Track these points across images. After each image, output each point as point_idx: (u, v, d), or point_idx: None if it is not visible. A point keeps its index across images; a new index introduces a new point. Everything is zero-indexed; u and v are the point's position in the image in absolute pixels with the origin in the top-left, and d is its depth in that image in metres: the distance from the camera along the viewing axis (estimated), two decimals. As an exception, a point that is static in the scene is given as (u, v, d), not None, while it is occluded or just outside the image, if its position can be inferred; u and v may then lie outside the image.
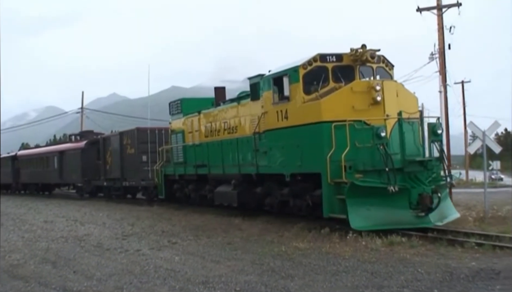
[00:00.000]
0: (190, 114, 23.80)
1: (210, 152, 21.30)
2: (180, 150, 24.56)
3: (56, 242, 14.75)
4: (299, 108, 15.30)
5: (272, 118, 16.56)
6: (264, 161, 17.29)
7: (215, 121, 21.58)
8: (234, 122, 20.05)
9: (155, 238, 14.87)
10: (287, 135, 15.86)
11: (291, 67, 15.62)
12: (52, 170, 40.59)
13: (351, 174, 13.66)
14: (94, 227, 18.16)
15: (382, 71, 16.11)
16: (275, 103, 16.38)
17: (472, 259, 10.05)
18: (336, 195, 14.13)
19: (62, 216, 22.64)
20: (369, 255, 10.89)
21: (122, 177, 31.56)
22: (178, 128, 24.83)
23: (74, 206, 28.39)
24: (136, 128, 30.44)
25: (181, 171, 23.91)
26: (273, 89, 16.47)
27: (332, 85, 15.30)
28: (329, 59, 15.39)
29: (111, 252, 12.79)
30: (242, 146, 19.03)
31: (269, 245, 12.74)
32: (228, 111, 20.65)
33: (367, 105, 14.59)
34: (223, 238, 14.25)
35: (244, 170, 18.74)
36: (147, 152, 29.67)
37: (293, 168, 15.71)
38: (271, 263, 10.59)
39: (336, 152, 14.06)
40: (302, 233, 14.26)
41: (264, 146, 17.29)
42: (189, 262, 11.06)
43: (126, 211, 23.95)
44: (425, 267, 9.52)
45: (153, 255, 12.13)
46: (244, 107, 19.45)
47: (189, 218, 19.58)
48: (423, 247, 11.39)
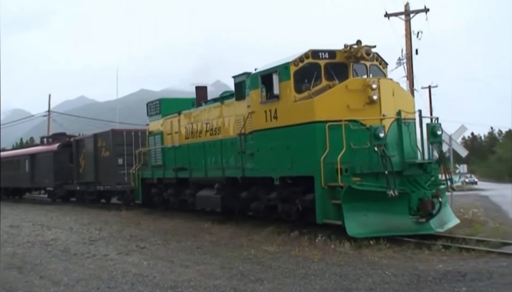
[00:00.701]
0: (170, 115, 22.74)
1: (191, 155, 20.27)
2: (158, 152, 23.47)
3: (22, 247, 14.50)
4: (290, 108, 14.40)
5: (259, 118, 15.63)
6: (251, 164, 16.35)
7: (196, 122, 20.56)
8: (217, 123, 19.07)
9: (123, 242, 14.64)
10: (276, 137, 14.95)
11: (281, 64, 14.72)
12: (23, 174, 39.03)
13: (348, 177, 12.79)
14: (61, 231, 17.87)
15: (376, 69, 15.34)
16: (263, 102, 15.46)
17: (439, 261, 10.07)
18: (330, 199, 13.26)
19: (29, 221, 22.23)
20: (338, 258, 10.89)
21: (96, 181, 30.27)
22: (157, 130, 23.74)
23: (41, 211, 27.96)
24: (111, 130, 29.23)
25: (159, 174, 22.82)
26: (261, 88, 15.55)
27: (325, 84, 14.45)
28: (322, 56, 14.55)
29: (78, 257, 12.63)
30: (226, 147, 18.06)
31: (238, 248, 12.66)
32: (210, 112, 19.66)
33: (363, 105, 13.77)
34: (193, 242, 14.04)
35: (228, 173, 17.76)
36: (123, 155, 28.45)
37: (283, 171, 14.80)
38: (241, 266, 10.53)
39: (331, 153, 13.20)
40: (271, 237, 14.19)
41: (251, 147, 16.36)
42: (158, 267, 10.92)
43: (93, 216, 23.59)
44: (393, 269, 9.57)
45: (121, 259, 11.94)
46: (228, 107, 18.49)
47: (158, 223, 19.32)
48: (391, 250, 11.40)
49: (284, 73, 14.53)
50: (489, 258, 10.27)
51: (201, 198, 19.51)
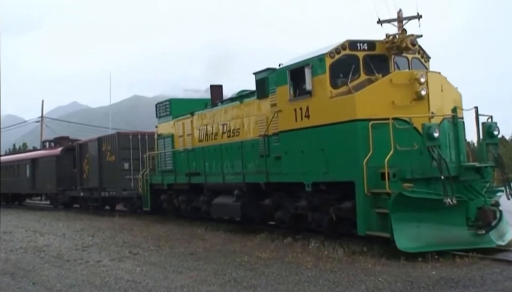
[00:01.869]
0: (181, 117, 21.16)
1: (207, 158, 18.68)
2: (168, 156, 21.85)
3: (15, 253, 14.46)
4: (325, 105, 12.80)
5: (288, 117, 14.04)
6: (277, 168, 14.74)
7: (211, 123, 18.97)
8: (236, 124, 17.49)
9: (116, 249, 14.53)
10: (308, 137, 13.34)
11: (314, 56, 13.14)
12: (24, 179, 37.39)
13: (396, 182, 11.18)
14: (54, 237, 17.76)
15: (418, 63, 13.77)
16: (292, 99, 13.88)
17: (433, 268, 9.96)
18: (373, 208, 11.67)
19: (22, 227, 22.03)
20: (331, 264, 10.74)
21: (101, 187, 28.63)
22: (167, 132, 22.13)
23: (34, 217, 27.71)
24: (117, 133, 27.63)
25: (170, 179, 21.19)
26: (289, 84, 13.97)
27: (363, 78, 12.87)
28: (360, 47, 12.98)
29: (71, 263, 12.55)
30: (247, 150, 16.46)
31: (232, 255, 12.57)
32: (227, 112, 18.08)
33: (409, 101, 12.20)
34: (186, 248, 13.92)
35: (250, 179, 16.14)
36: (129, 159, 26.85)
37: (316, 176, 13.18)
38: (234, 273, 10.45)
39: (374, 156, 11.61)
40: (265, 243, 14.07)
41: (276, 150, 14.76)
42: (151, 273, 10.86)
43: (86, 222, 23.18)
44: (386, 276, 9.48)
45: (114, 266, 11.87)
46: (248, 106, 16.91)
47: (151, 228, 19.03)
48: (384, 257, 11.14)
49: (318, 66, 12.95)
50: (482, 265, 10.05)
51: (217, 205, 17.87)
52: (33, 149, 45.27)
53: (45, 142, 38.16)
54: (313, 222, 14.09)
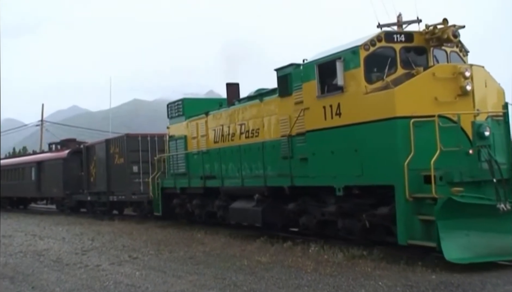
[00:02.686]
0: (195, 117, 20.14)
1: (223, 161, 17.63)
2: (181, 158, 20.83)
3: (14, 257, 14.41)
4: (359, 101, 11.73)
5: (316, 115, 12.99)
6: (302, 170, 13.70)
7: (228, 123, 17.93)
8: (255, 124, 16.46)
9: (115, 253, 14.46)
10: (339, 137, 12.28)
11: (347, 49, 12.09)
12: (29, 182, 36.41)
13: (444, 186, 10.10)
14: (53, 241, 17.73)
15: (456, 57, 12.70)
16: (321, 96, 12.82)
17: (433, 272, 9.81)
18: (415, 214, 10.59)
19: (21, 231, 21.95)
20: (331, 268, 10.66)
21: (109, 191, 27.62)
22: (179, 134, 21.11)
23: (34, 220, 27.67)
24: (125, 135, 26.56)
25: (183, 183, 20.14)
26: (317, 79, 12.92)
27: (401, 72, 11.80)
28: (397, 39, 11.92)
29: (71, 267, 12.48)
30: (268, 152, 15.42)
31: (231, 259, 12.47)
32: (246, 111, 17.05)
33: (454, 97, 11.13)
34: (185, 253, 13.83)
35: (272, 182, 15.09)
36: (138, 162, 25.85)
37: (349, 179, 12.11)
38: (233, 277, 10.38)
39: (416, 157, 10.54)
40: (264, 247, 13.96)
41: (302, 151, 13.72)
42: (150, 277, 10.80)
43: (86, 226, 23.15)
44: (386, 280, 9.40)
45: (114, 270, 11.83)
46: (269, 105, 15.89)
47: (150, 233, 18.98)
48: (384, 261, 11.02)
49: (351, 59, 11.90)
50: (482, 269, 9.75)
51: (236, 210, 16.81)
52: (42, 151, 44.26)
53: (51, 145, 37.16)
54: (343, 229, 13.02)
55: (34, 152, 36.26)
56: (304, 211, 14.42)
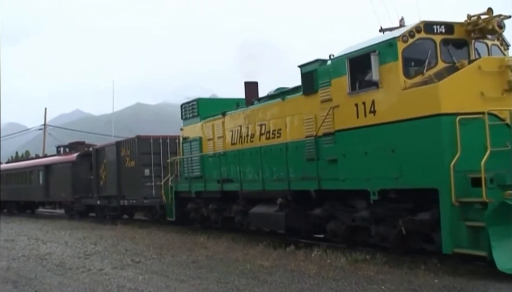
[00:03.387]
0: (211, 118, 19.28)
1: (242, 163, 16.75)
2: (196, 161, 19.96)
3: (17, 261, 14.37)
4: (397, 97, 10.85)
5: (347, 114, 12.11)
6: (331, 173, 12.80)
7: (246, 124, 17.07)
8: (277, 124, 15.57)
9: (118, 257, 14.39)
10: (374, 137, 11.39)
11: (382, 41, 11.23)
12: (37, 186, 35.64)
13: (495, 189, 9.20)
14: (56, 245, 17.60)
15: (497, 51, 11.81)
16: (353, 93, 11.95)
17: (435, 276, 9.73)
18: (462, 220, 9.68)
19: (24, 235, 21.89)
20: (334, 272, 10.59)
21: (120, 195, 26.80)
22: (194, 135, 20.24)
23: (36, 224, 27.61)
24: (136, 137, 25.72)
25: (199, 187, 19.26)
26: (348, 74, 12.04)
27: (441, 66, 10.93)
28: (437, 30, 11.05)
29: (74, 271, 12.39)
30: (292, 153, 14.53)
31: (234, 263, 12.38)
32: (266, 111, 16.18)
33: (500, 92, 10.23)
34: (188, 257, 13.76)
35: (297, 186, 14.21)
36: (150, 165, 25.05)
37: (385, 182, 11.20)
38: (236, 281, 10.27)
39: (463, 158, 9.64)
40: (267, 251, 13.84)
41: (331, 152, 12.83)
42: (153, 281, 10.70)
43: (89, 230, 23.04)
44: (389, 284, 9.34)
45: (116, 274, 11.75)
46: (291, 104, 15.02)
47: (153, 237, 18.89)
48: (387, 265, 10.96)
49: (387, 52, 11.03)
50: (485, 273, 9.63)
51: (256, 216, 15.93)
52: (45, 155, 43.62)
53: (60, 148, 36.36)
54: (376, 235, 12.11)
55: (45, 155, 35.32)
56: (331, 217, 13.53)
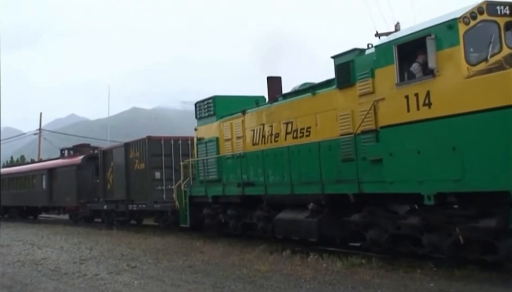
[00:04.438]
0: (229, 116, 17.93)
1: (267, 165, 15.37)
2: (212, 163, 18.58)
3: (12, 266, 14.33)
4: (458, 87, 9.47)
5: (394, 107, 10.75)
6: (374, 175, 11.42)
7: (270, 122, 15.72)
8: (306, 121, 14.23)
9: (114, 262, 14.33)
10: (429, 133, 10.01)
11: (440, 23, 9.84)
12: (39, 191, 34.27)
13: None
14: (51, 251, 17.56)
15: None
16: (402, 83, 10.58)
17: (431, 280, 9.76)
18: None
19: (19, 240, 21.78)
20: (330, 276, 10.61)
21: (128, 199, 25.40)
22: (210, 136, 18.88)
23: (32, 230, 27.47)
24: (147, 138, 24.32)
25: (217, 191, 17.86)
26: (397, 63, 10.68)
27: (507, 52, 9.58)
28: (501, 12, 9.69)
29: (69, 276, 12.37)
30: (325, 154, 13.16)
31: (230, 268, 12.36)
32: (293, 108, 14.84)
33: None
34: (184, 261, 13.67)
35: (332, 189, 12.83)
36: (160, 167, 23.70)
37: (443, 185, 9.81)
38: (232, 286, 10.28)
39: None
40: (263, 255, 13.85)
41: (375, 151, 11.46)
42: (149, 286, 10.69)
43: (84, 235, 22.91)
44: (385, 288, 9.36)
45: (112, 279, 11.68)
46: (323, 99, 13.68)
47: (149, 241, 18.70)
48: (383, 269, 10.99)
49: (446, 36, 9.67)
50: (481, 277, 9.76)
51: (283, 222, 14.52)
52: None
53: (64, 150, 35.02)
54: (429, 244, 10.71)
55: (48, 158, 34.01)
56: (372, 223, 12.14)
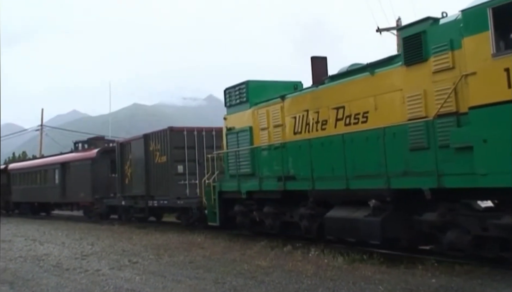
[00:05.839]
0: (264, 103, 16.08)
1: (315, 156, 13.48)
2: (245, 155, 16.74)
3: (14, 262, 14.26)
4: None
5: (490, 83, 8.86)
6: (460, 166, 9.53)
7: (316, 108, 13.87)
8: (362, 105, 12.39)
9: (115, 257, 14.27)
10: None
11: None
12: (52, 186, 32.56)
13: None
14: (53, 246, 17.54)
15: None
16: (501, 54, 8.65)
17: (432, 276, 9.59)
18: None
19: (21, 235, 21.66)
20: (331, 272, 10.43)
21: (148, 194, 23.63)
22: (242, 125, 17.04)
23: (33, 225, 27.47)
24: (168, 129, 22.51)
25: (252, 186, 15.99)
26: (492, 30, 8.75)
27: None
28: None
29: (71, 272, 12.32)
30: (389, 142, 11.25)
31: (231, 263, 12.30)
32: (346, 90, 13.00)
33: None
34: (185, 257, 13.61)
35: (400, 183, 10.93)
36: (183, 161, 21.95)
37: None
38: (234, 281, 10.09)
39: None
40: (264, 251, 13.82)
41: (459, 137, 9.55)
42: (150, 282, 10.51)
43: (85, 231, 22.78)
44: (386, 284, 9.16)
45: (113, 275, 11.59)
46: (385, 78, 11.85)
47: (150, 237, 18.66)
48: (384, 265, 10.82)
49: None
50: (482, 272, 9.60)
51: (336, 221, 12.61)
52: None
53: (77, 144, 33.26)
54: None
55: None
56: (450, 224, 10.22)
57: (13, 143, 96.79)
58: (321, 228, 13.61)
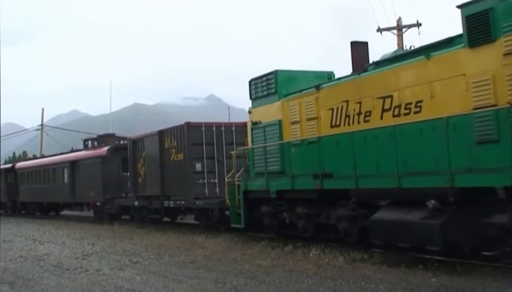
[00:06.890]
0: (296, 94, 14.74)
1: (358, 151, 12.13)
2: (274, 151, 15.38)
3: (14, 262, 14.31)
4: None
5: None
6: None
7: (358, 98, 12.53)
8: (415, 94, 11.07)
9: (116, 257, 14.30)
10: None
11: None
12: (61, 186, 31.32)
13: None
14: (53, 246, 17.57)
15: None
16: None
17: (433, 275, 9.64)
18: None
19: (21, 235, 21.64)
20: (332, 272, 10.52)
21: (163, 194, 22.32)
22: (269, 119, 15.71)
23: (33, 225, 27.35)
24: (186, 124, 21.14)
25: (283, 185, 14.63)
26: None
27: None
28: None
29: (71, 272, 12.30)
30: (455, 134, 9.89)
31: (232, 263, 12.30)
32: (394, 77, 11.65)
33: None
34: (186, 257, 13.65)
35: (468, 181, 9.57)
36: (202, 158, 20.59)
37: None
38: (234, 281, 10.15)
39: None
40: (265, 251, 13.85)
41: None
42: (151, 282, 10.55)
43: (86, 230, 22.72)
44: (387, 284, 9.20)
45: (114, 274, 11.59)
46: (444, 62, 10.56)
47: (151, 237, 18.61)
48: (385, 264, 10.82)
49: None
50: (483, 272, 9.64)
51: (385, 224, 11.21)
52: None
53: (87, 141, 31.98)
54: None
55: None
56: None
57: (14, 143, 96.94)
58: (363, 231, 12.32)
